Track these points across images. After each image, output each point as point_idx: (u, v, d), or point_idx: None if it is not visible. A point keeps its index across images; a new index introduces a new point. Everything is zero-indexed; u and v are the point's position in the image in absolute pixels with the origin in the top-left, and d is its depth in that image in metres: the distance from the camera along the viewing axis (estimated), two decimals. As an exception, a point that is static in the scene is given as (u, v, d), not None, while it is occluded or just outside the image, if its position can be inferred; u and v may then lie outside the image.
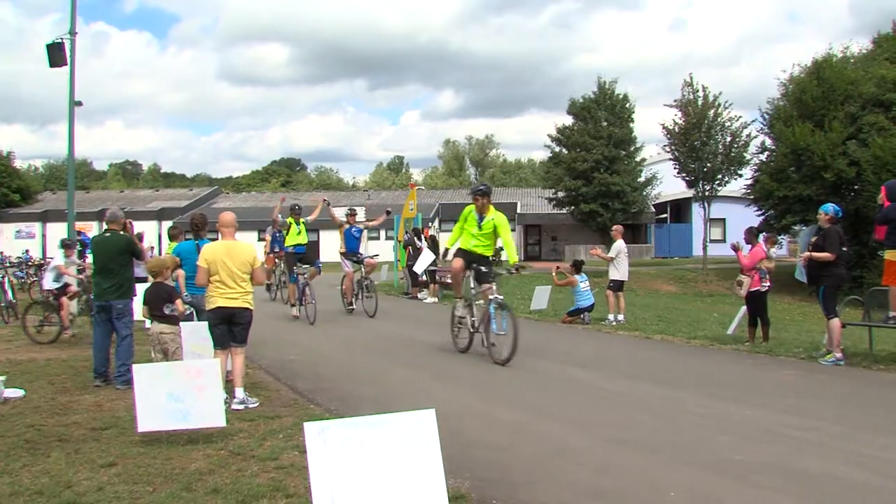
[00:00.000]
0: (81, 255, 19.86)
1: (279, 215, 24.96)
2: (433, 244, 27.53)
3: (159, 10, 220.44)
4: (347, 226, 22.07)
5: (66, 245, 18.03)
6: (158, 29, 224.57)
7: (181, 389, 8.21)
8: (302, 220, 22.23)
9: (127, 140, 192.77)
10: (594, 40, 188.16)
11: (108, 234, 12.02)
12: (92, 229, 52.89)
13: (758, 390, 11.47)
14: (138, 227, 20.43)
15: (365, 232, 23.71)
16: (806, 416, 9.57)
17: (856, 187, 40.12)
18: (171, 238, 15.80)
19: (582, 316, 20.09)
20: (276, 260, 26.87)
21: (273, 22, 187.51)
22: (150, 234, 57.98)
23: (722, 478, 7.12)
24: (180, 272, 12.22)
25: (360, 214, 54.09)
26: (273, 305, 23.74)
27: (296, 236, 21.95)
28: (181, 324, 11.22)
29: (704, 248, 47.50)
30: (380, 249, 51.16)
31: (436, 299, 26.81)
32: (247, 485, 6.75)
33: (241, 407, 9.97)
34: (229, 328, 10.29)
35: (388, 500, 5.08)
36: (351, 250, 21.76)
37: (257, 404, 10.20)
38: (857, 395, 11.15)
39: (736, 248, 15.79)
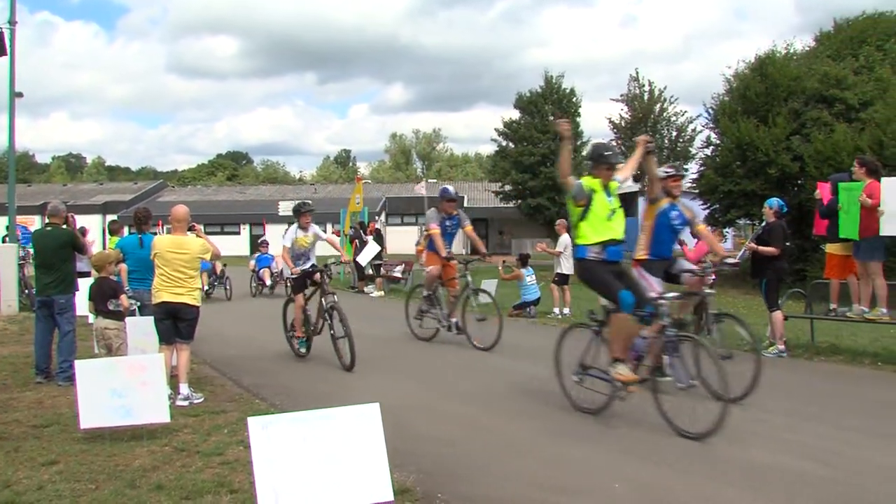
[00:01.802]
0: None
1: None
2: (378, 238, 27.47)
3: (107, 1, 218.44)
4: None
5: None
6: (106, 20, 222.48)
7: (124, 385, 8.12)
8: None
9: (72, 132, 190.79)
10: (545, 35, 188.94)
11: (49, 229, 11.85)
12: (34, 223, 52.25)
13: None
14: (82, 221, 20.20)
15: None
16: (749, 406, 9.65)
17: (799, 182, 40.52)
18: (112, 232, 15.68)
19: (528, 309, 20.15)
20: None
21: (223, 14, 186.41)
22: (95, 228, 57.44)
23: (668, 468, 7.19)
24: (123, 267, 12.08)
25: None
26: (216, 301, 23.51)
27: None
28: (126, 319, 11.11)
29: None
30: (326, 244, 51.09)
31: (382, 293, 26.78)
32: (191, 481, 6.71)
33: (185, 403, 9.90)
34: (174, 323, 10.22)
35: (333, 494, 5.09)
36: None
37: (202, 399, 10.15)
38: (799, 387, 11.28)
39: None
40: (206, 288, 24.18)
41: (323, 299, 13.22)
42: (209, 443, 8.02)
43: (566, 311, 19.79)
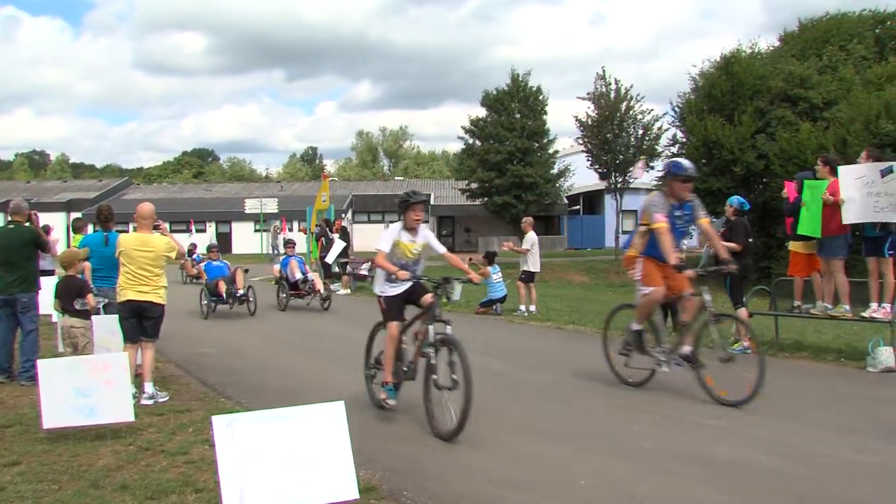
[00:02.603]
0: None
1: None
2: (344, 235, 27.39)
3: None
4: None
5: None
6: (72, 15, 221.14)
7: (88, 384, 8.06)
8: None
9: (36, 129, 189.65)
10: (515, 33, 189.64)
11: (11, 227, 11.73)
12: (-3, 222, 51.83)
13: (668, 378, 11.59)
14: (45, 218, 19.96)
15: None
16: (714, 403, 9.70)
17: (764, 180, 40.83)
18: (76, 230, 15.50)
19: (494, 307, 20.19)
20: None
21: (191, 10, 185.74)
22: (59, 226, 57.03)
23: (633, 465, 7.21)
24: (86, 265, 11.98)
25: (272, 204, 53.84)
26: (182, 299, 23.37)
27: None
28: (93, 318, 11.02)
29: (616, 239, 47.99)
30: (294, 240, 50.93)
31: (348, 291, 26.72)
32: (156, 480, 6.66)
33: (150, 401, 9.84)
34: (140, 322, 10.14)
35: (298, 492, 5.07)
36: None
37: (167, 398, 10.09)
38: (765, 383, 11.32)
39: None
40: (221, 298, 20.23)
41: (429, 328, 9.03)
42: (174, 442, 7.98)
43: (532, 308, 19.83)
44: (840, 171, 12.17)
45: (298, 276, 21.68)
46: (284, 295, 21.75)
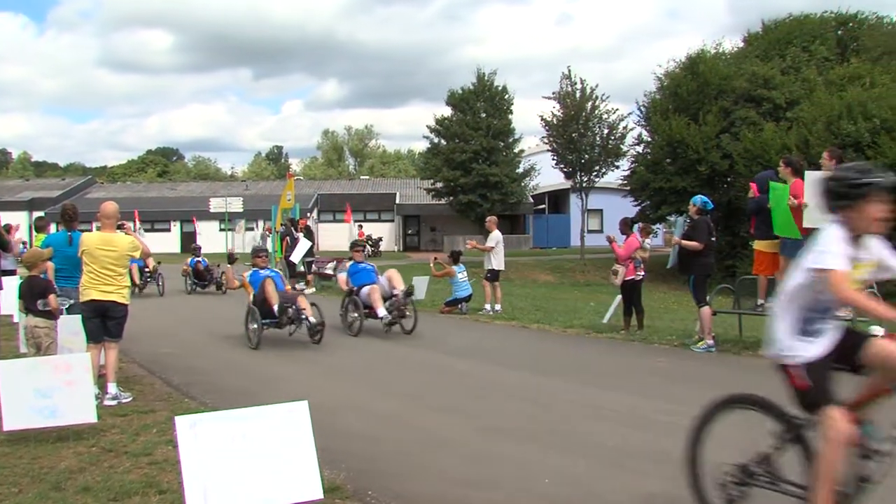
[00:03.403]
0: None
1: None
2: (308, 234, 27.33)
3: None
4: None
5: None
6: (35, 12, 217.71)
7: (49, 385, 7.98)
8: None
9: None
10: (481, 32, 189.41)
11: (-29, 226, 11.64)
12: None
13: (632, 377, 11.68)
14: (7, 218, 19.83)
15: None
16: (678, 402, 9.74)
17: (728, 179, 41.13)
18: (38, 230, 15.40)
19: (460, 306, 20.20)
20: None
21: (157, 7, 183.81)
22: (21, 225, 56.51)
23: (595, 464, 7.23)
24: (49, 264, 11.88)
25: (237, 204, 53.59)
26: (147, 298, 23.22)
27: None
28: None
29: (582, 238, 48.19)
30: (257, 240, 50.75)
31: (313, 290, 26.64)
32: (119, 482, 6.60)
33: (113, 402, 9.77)
34: (103, 322, 10.07)
35: (262, 492, 5.05)
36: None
37: (130, 399, 10.02)
38: (728, 381, 11.37)
39: (611, 240, 16.04)
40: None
41: None
42: (137, 443, 7.91)
43: (497, 307, 19.87)
44: (807, 176, 12.24)
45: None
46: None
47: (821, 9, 52.82)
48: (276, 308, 14.35)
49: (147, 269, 25.32)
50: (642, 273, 15.83)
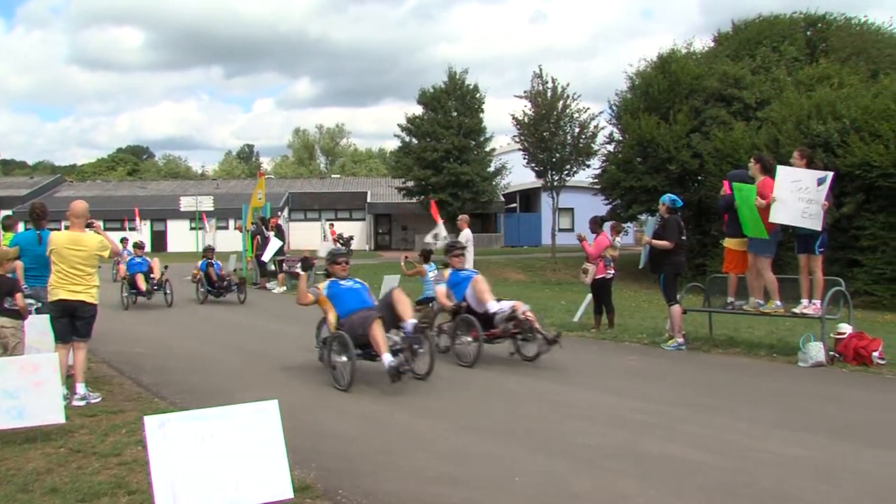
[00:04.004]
0: None
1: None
2: (279, 233, 27.29)
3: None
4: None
5: None
6: (4, 8, 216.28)
7: (16, 386, 7.92)
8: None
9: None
10: (455, 31, 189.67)
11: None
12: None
13: (603, 376, 11.74)
14: (-28, 216, 19.64)
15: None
16: (648, 399, 9.82)
17: (699, 178, 41.23)
18: (6, 228, 15.24)
19: (431, 305, 20.18)
20: None
21: (129, 4, 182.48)
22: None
23: (569, 462, 7.26)
24: (18, 263, 11.79)
25: (208, 202, 53.35)
26: (115, 296, 23.04)
27: None
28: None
29: (553, 237, 48.22)
30: (228, 239, 50.63)
31: (284, 289, 26.62)
32: (87, 483, 6.58)
33: (82, 403, 9.73)
34: (72, 322, 10.01)
35: (232, 492, 5.04)
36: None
37: (99, 399, 9.98)
38: (698, 379, 11.49)
39: (581, 239, 16.08)
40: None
41: None
42: (106, 443, 7.88)
43: (469, 305, 19.86)
44: (779, 171, 12.35)
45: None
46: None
47: (790, 9, 53.06)
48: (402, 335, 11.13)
49: (153, 276, 22.42)
50: (612, 272, 15.88)
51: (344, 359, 10.71)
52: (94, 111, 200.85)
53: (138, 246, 23.66)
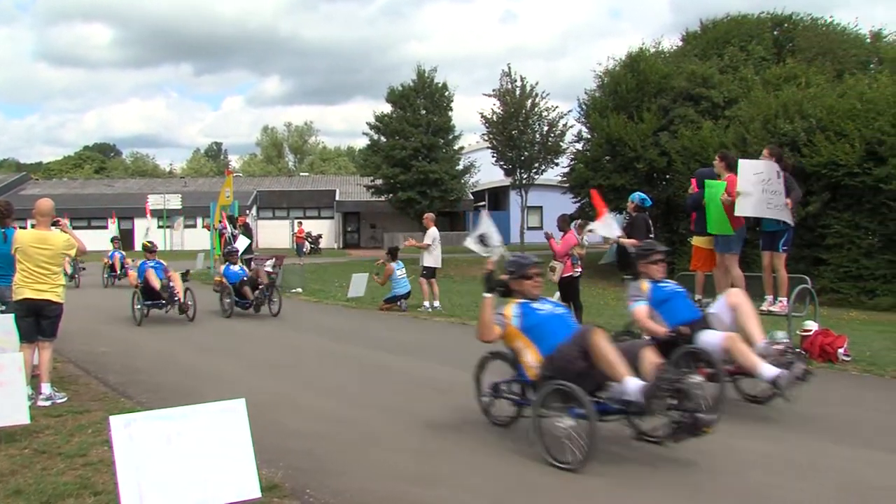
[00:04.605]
0: None
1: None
2: (247, 231, 27.15)
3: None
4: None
5: None
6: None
7: (-21, 386, 7.87)
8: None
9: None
10: (425, 29, 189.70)
11: None
12: None
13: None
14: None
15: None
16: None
17: (667, 177, 41.42)
18: (-29, 227, 15.11)
19: (399, 303, 20.21)
20: None
21: (97, 1, 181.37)
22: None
23: (535, 460, 7.24)
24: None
25: (175, 201, 53.10)
26: (83, 295, 22.94)
27: None
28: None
29: (522, 235, 48.31)
30: (197, 237, 50.41)
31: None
32: (52, 484, 6.51)
33: (47, 403, 9.64)
34: (37, 321, 9.93)
35: (199, 492, 5.01)
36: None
37: (65, 399, 9.89)
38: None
39: (549, 237, 16.12)
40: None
41: None
42: (72, 444, 7.81)
43: (436, 304, 19.91)
44: (740, 164, 12.43)
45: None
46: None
47: (758, 9, 53.39)
48: None
49: (172, 286, 18.13)
50: (579, 269, 15.93)
51: (570, 422, 7.07)
52: (61, 108, 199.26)
53: (149, 249, 19.55)
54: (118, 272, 28.41)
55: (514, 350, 8.07)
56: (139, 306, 17.87)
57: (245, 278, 19.66)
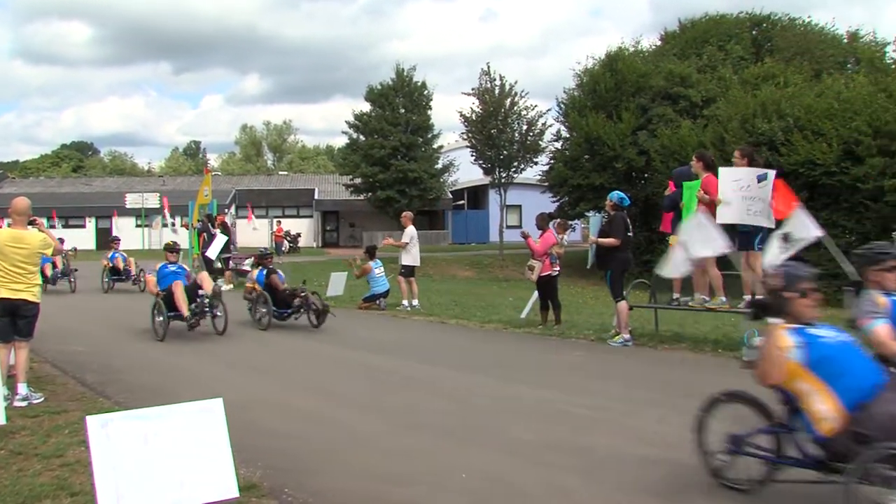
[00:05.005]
0: None
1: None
2: (225, 230, 27.08)
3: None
4: None
5: None
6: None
7: (-45, 387, 7.82)
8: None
9: None
10: (406, 28, 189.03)
11: None
12: None
13: (549, 372, 11.79)
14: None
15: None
16: (594, 395, 9.87)
17: (646, 176, 41.61)
18: (-54, 226, 15.03)
19: (378, 302, 20.19)
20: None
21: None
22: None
23: (513, 458, 7.28)
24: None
25: (154, 199, 52.93)
26: (83, 301, 22.79)
27: None
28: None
29: (501, 234, 48.33)
30: (174, 236, 50.15)
31: (231, 286, 26.44)
32: (28, 485, 6.47)
33: (24, 403, 9.57)
34: (13, 321, 9.86)
35: (177, 492, 4.99)
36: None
37: (42, 399, 9.82)
38: (643, 374, 11.57)
39: (525, 236, 16.12)
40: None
41: None
42: (49, 444, 7.75)
43: (415, 302, 19.91)
44: (721, 173, 12.51)
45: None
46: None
47: (737, 9, 53.68)
48: None
49: (202, 292, 15.72)
50: (558, 269, 15.96)
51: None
52: (38, 106, 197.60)
53: (171, 249, 17.07)
54: (121, 275, 26.54)
55: (793, 393, 6.02)
56: (161, 318, 14.91)
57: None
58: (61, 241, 12.50)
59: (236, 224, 41.81)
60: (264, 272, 17.35)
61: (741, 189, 12.17)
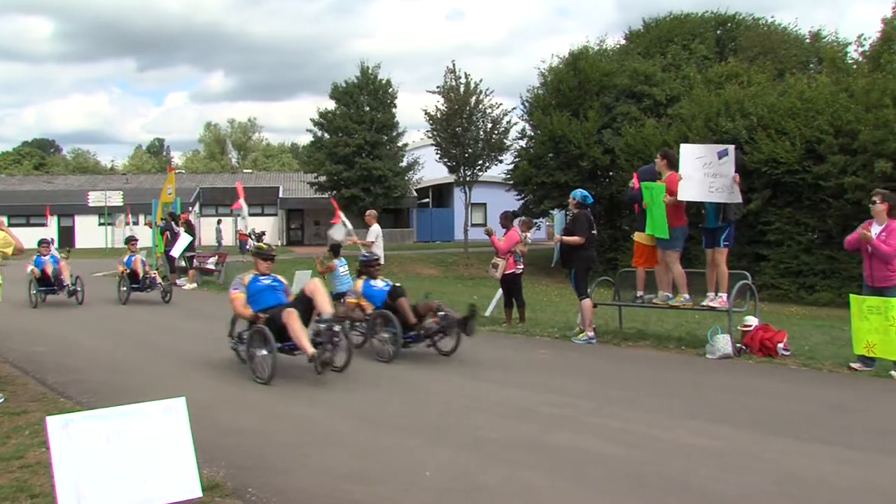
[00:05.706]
0: None
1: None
2: (189, 228, 26.94)
3: None
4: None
5: None
6: None
7: (-85, 385, 7.74)
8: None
9: None
10: (371, 26, 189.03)
11: None
12: None
13: (514, 370, 11.80)
14: None
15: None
16: (559, 393, 9.89)
17: (610, 174, 41.82)
18: None
19: (341, 300, 20.11)
20: None
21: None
22: None
23: (477, 456, 7.26)
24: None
25: (117, 197, 52.57)
26: (18, 294, 22.62)
27: None
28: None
29: (466, 232, 48.38)
30: (137, 235, 49.90)
31: (195, 285, 26.34)
32: (-14, 487, 6.41)
33: (-17, 403, 9.51)
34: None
35: (139, 492, 4.96)
36: None
37: (2, 400, 9.73)
38: (607, 372, 11.60)
39: (489, 234, 16.11)
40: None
41: None
42: (8, 446, 7.66)
43: (380, 301, 19.85)
44: (682, 149, 12.66)
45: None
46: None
47: (701, 9, 54.08)
48: None
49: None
50: (522, 266, 15.97)
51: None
52: (0, 103, 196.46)
53: (265, 256, 12.34)
54: (141, 282, 21.90)
55: None
56: (265, 353, 10.81)
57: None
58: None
59: (200, 222, 41.62)
60: (388, 288, 13.38)
61: (704, 166, 12.30)
